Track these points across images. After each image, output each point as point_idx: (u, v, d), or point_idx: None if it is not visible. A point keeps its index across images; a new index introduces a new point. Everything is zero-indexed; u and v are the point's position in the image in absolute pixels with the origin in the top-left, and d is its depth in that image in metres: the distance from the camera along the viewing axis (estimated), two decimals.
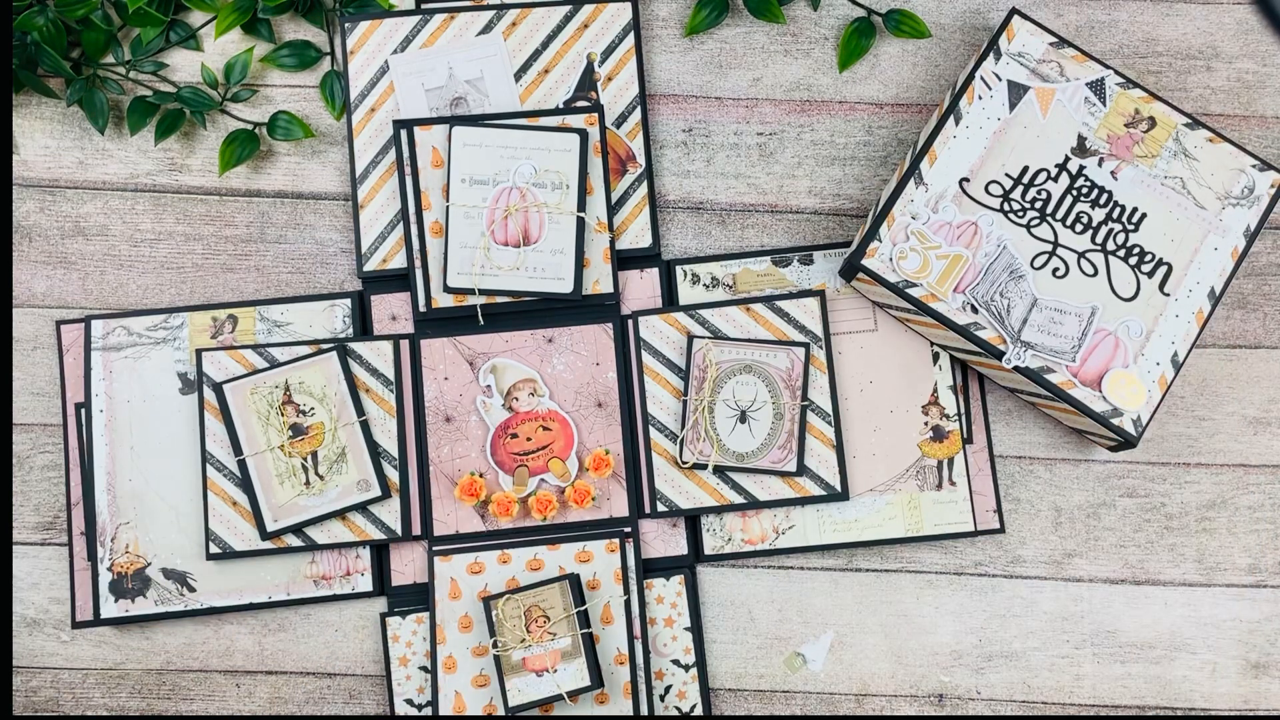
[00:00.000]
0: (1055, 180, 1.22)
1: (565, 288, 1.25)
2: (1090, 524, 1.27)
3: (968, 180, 1.21)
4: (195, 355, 1.24)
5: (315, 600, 1.23)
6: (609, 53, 1.30)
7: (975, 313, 1.19)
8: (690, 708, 1.23)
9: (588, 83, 1.30)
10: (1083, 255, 1.21)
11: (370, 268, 1.27)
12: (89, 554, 1.23)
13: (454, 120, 1.26)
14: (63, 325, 1.26)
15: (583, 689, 1.18)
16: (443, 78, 1.29)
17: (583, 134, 1.25)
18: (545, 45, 1.30)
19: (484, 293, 1.25)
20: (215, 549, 1.22)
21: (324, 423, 1.23)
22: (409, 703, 1.22)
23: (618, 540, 1.23)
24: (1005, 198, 1.21)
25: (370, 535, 1.23)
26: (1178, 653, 1.26)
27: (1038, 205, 1.21)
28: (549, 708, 1.20)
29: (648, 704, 1.21)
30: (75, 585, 1.23)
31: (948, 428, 1.25)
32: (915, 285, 1.19)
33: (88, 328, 1.25)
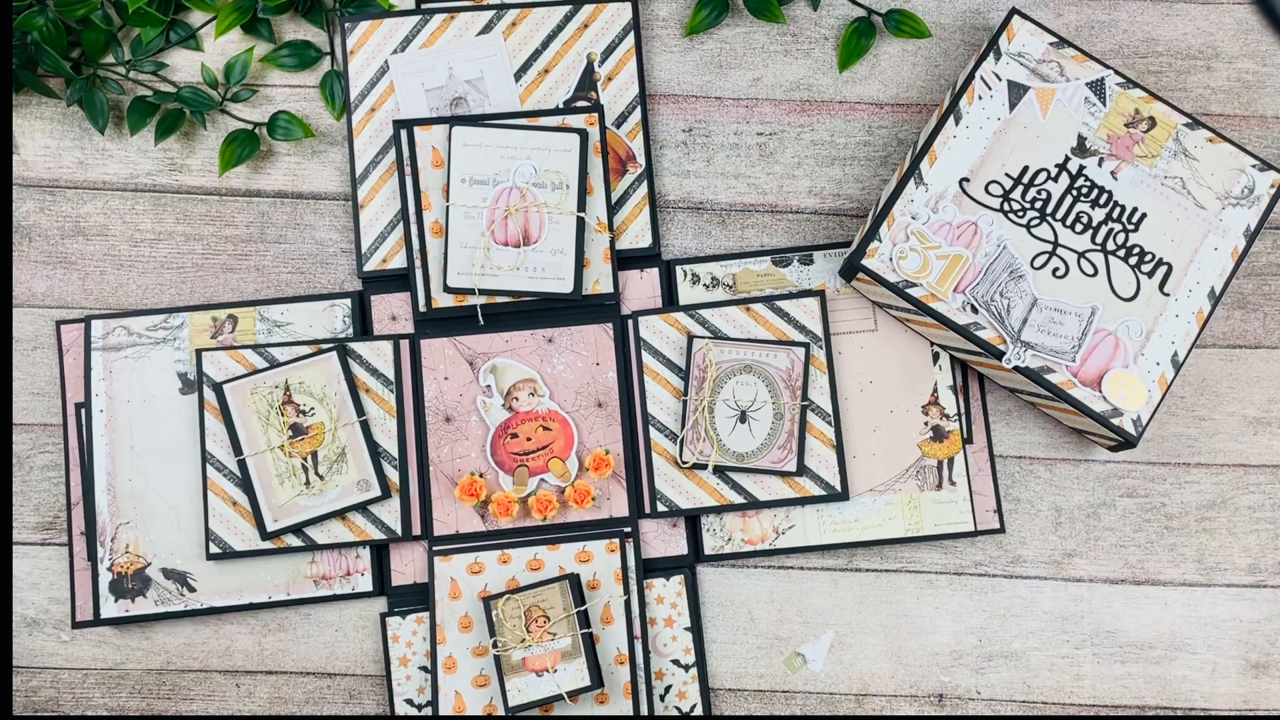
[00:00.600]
0: (1055, 180, 1.22)
1: (565, 288, 1.25)
2: (1090, 524, 1.27)
3: (968, 180, 1.21)
4: (195, 355, 1.24)
5: (315, 600, 1.23)
6: (609, 53, 1.30)
7: (975, 313, 1.19)
8: (690, 708, 1.23)
9: (588, 83, 1.30)
10: (1083, 255, 1.20)
11: (370, 268, 1.27)
12: (89, 554, 1.22)
13: (454, 120, 1.26)
14: (63, 325, 1.26)
15: (583, 689, 1.18)
16: (443, 78, 1.29)
17: (583, 134, 1.25)
18: (545, 45, 1.30)
19: (484, 293, 1.25)
20: (215, 549, 1.22)
21: (324, 423, 1.23)
22: (409, 703, 1.22)
23: (618, 540, 1.23)
24: (1005, 198, 1.21)
25: (370, 535, 1.23)
26: (1178, 653, 1.25)
27: (1038, 205, 1.21)
28: (549, 708, 1.20)
29: (648, 704, 1.21)
30: (75, 585, 1.23)
31: (948, 428, 1.25)
32: (915, 285, 1.19)
33: (88, 328, 1.25)
